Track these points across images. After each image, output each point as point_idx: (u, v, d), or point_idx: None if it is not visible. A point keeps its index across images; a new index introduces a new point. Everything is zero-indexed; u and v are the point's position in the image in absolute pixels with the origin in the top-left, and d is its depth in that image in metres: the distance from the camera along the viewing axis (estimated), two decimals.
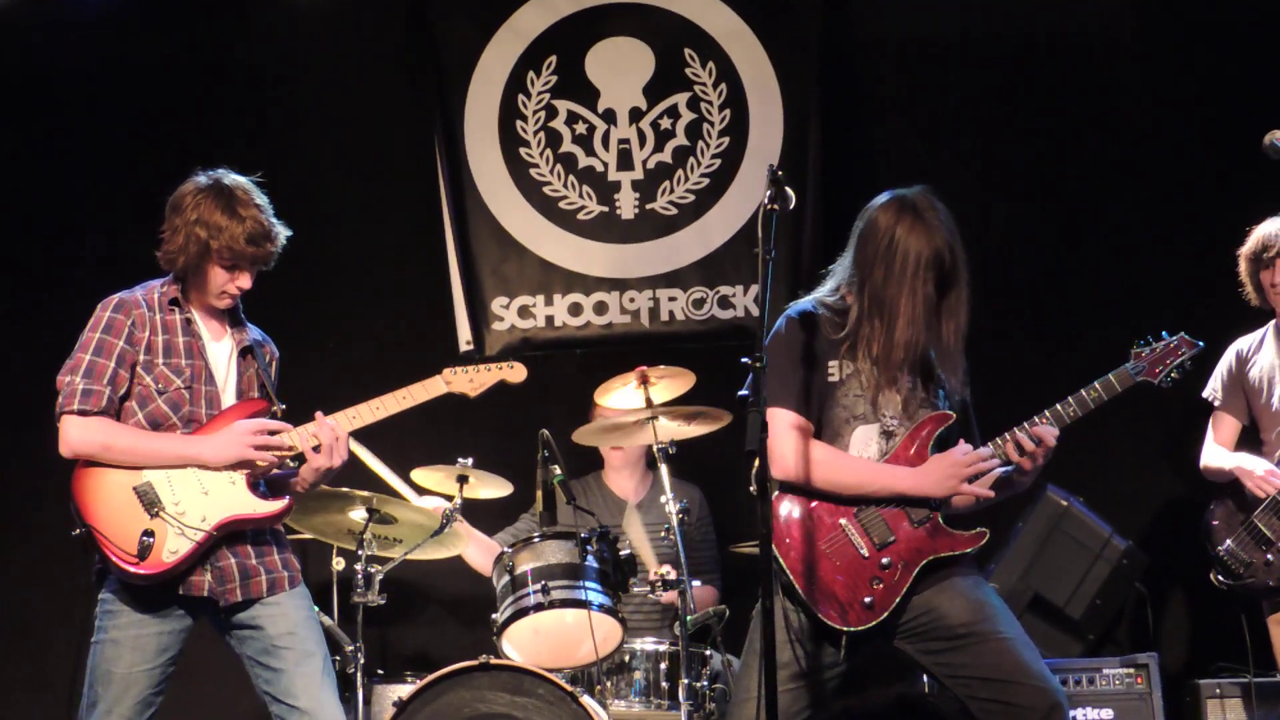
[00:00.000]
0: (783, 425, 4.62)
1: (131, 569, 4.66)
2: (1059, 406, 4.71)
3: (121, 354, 4.79)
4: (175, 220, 4.88)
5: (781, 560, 4.60)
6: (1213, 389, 6.20)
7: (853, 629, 4.58)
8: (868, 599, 4.58)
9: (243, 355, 5.00)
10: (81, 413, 4.72)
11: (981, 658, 4.57)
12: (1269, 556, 5.82)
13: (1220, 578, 5.96)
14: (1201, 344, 4.88)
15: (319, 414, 4.91)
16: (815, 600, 4.57)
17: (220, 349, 4.97)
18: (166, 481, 4.75)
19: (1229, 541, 5.91)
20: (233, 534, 4.82)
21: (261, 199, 4.93)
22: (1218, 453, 6.12)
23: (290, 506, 4.92)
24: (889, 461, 4.67)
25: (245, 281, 4.91)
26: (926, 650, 4.67)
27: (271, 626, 4.83)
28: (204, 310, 4.96)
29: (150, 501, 4.72)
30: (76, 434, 4.73)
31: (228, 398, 4.93)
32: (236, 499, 4.81)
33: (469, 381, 5.11)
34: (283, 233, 4.96)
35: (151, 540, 4.67)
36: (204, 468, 4.77)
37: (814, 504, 4.67)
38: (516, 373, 5.19)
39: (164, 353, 4.83)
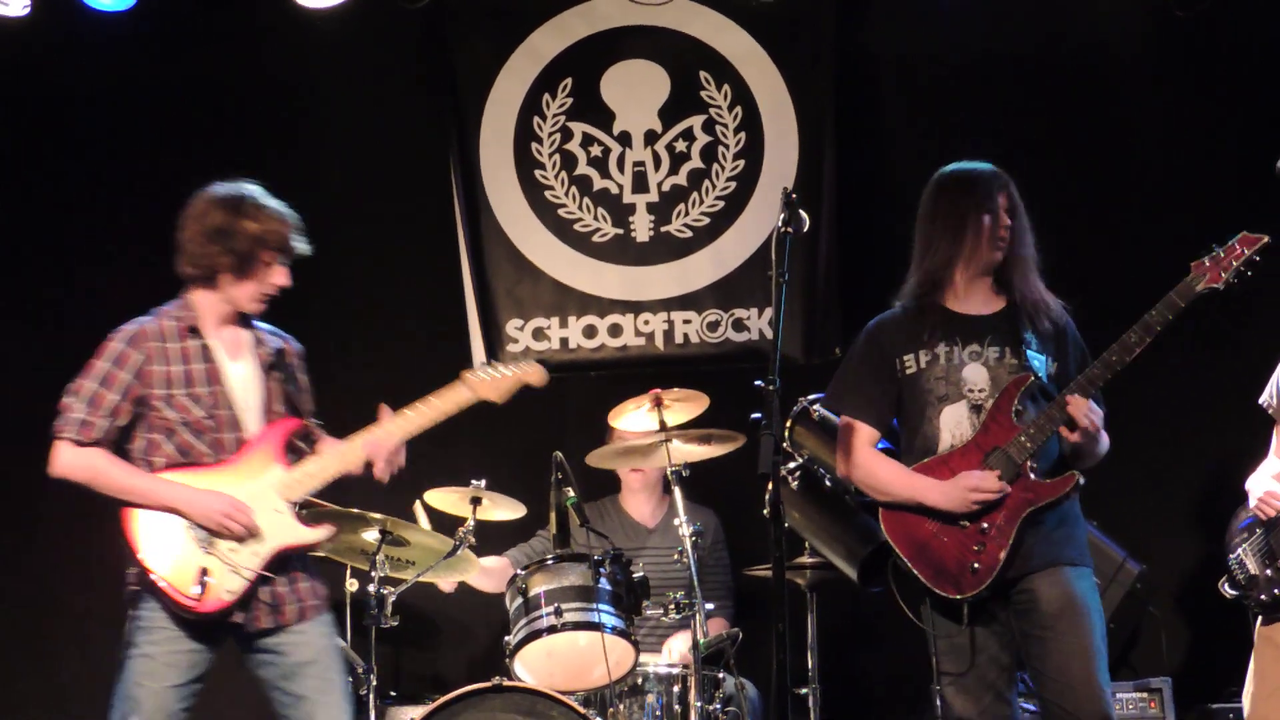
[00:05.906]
0: (848, 432, 5.01)
1: (194, 610, 4.68)
2: (1126, 335, 4.79)
3: (126, 388, 4.77)
4: (197, 228, 4.84)
5: (898, 551, 4.88)
6: (1269, 396, 5.57)
7: (968, 595, 4.83)
8: (975, 564, 4.82)
9: (267, 371, 4.96)
10: (75, 442, 4.73)
11: (1053, 656, 4.78)
12: (1269, 573, 5.64)
13: (1227, 586, 5.76)
14: (1267, 238, 4.72)
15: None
16: (932, 580, 4.84)
17: (239, 369, 4.92)
18: None
19: (1240, 550, 5.68)
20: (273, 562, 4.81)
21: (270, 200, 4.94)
22: (1261, 471, 5.61)
23: (335, 532, 4.94)
24: (980, 434, 4.87)
25: (285, 278, 4.90)
26: (1021, 630, 4.88)
27: (294, 654, 4.83)
28: (222, 327, 4.91)
29: (204, 537, 4.72)
30: (68, 460, 4.75)
31: (250, 417, 4.89)
32: (284, 528, 4.82)
33: (493, 388, 5.06)
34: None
35: (210, 580, 4.68)
36: (184, 519, 4.73)
37: None
38: (535, 373, 5.12)
39: (183, 383, 4.81)
